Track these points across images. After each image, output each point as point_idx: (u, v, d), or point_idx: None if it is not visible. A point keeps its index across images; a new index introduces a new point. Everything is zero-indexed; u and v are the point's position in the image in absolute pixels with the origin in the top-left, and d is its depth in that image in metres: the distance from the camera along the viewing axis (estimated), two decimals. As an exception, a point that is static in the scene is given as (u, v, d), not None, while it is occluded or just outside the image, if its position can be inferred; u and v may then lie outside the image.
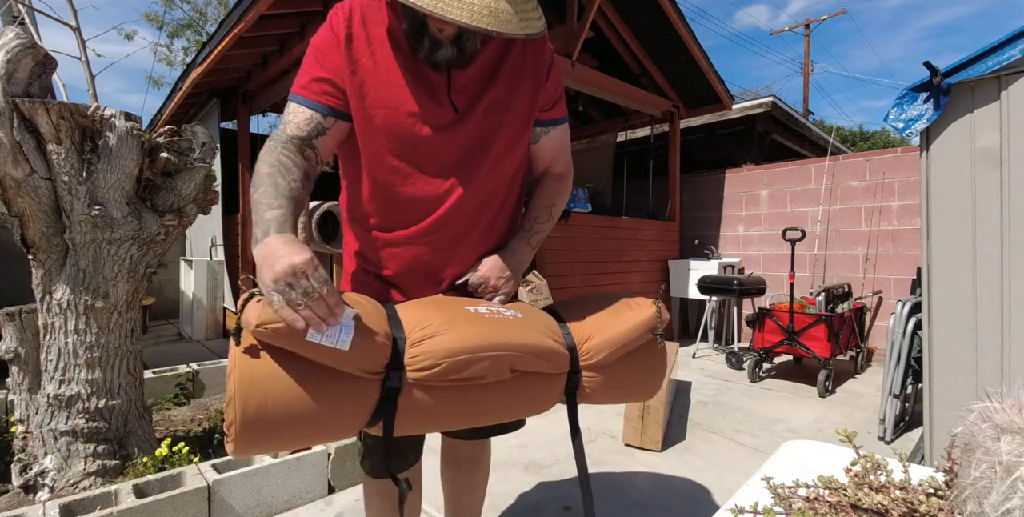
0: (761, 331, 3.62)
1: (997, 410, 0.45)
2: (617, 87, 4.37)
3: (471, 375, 0.83)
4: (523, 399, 0.93)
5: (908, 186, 4.07)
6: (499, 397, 0.89)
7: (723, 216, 5.17)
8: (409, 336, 0.82)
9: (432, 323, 0.84)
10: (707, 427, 2.64)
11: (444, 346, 0.81)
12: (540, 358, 0.90)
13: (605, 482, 2.02)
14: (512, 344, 0.86)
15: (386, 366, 0.79)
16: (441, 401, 0.84)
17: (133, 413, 1.90)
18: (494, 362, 0.84)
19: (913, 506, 0.53)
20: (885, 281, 4.18)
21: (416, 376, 0.80)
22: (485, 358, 0.82)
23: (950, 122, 1.78)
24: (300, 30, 3.62)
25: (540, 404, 0.96)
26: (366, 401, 0.80)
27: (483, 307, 0.94)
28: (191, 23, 13.21)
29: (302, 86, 0.97)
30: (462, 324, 0.85)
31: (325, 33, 0.97)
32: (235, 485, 1.69)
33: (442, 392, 0.83)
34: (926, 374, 1.87)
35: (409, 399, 0.82)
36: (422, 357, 0.80)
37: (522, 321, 0.93)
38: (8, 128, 1.58)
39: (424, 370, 0.80)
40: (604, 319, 1.01)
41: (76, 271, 1.74)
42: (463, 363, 0.81)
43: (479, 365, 0.82)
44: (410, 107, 0.96)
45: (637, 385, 1.06)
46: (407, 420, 0.84)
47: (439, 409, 0.85)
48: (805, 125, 6.01)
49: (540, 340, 0.91)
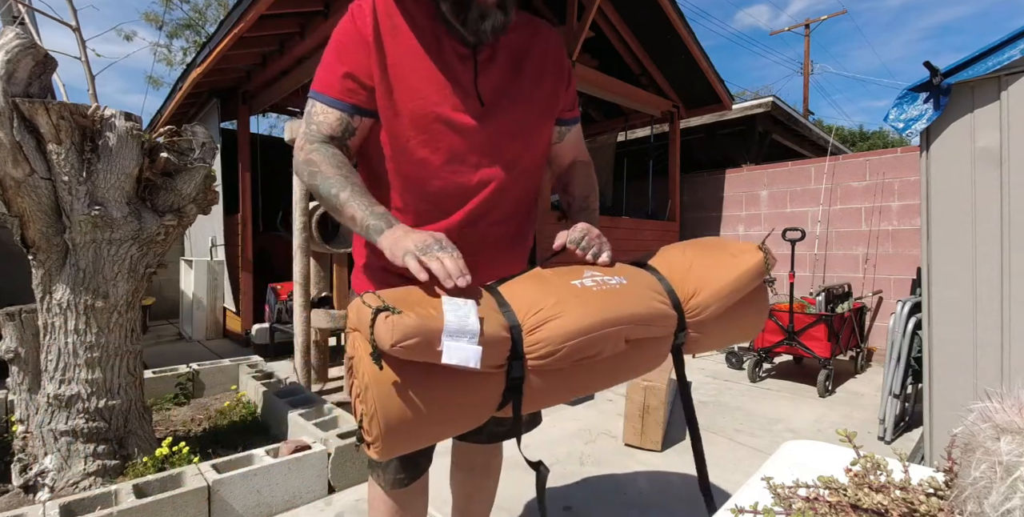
0: (761, 331, 3.62)
1: (997, 410, 0.45)
2: (617, 87, 4.37)
3: (591, 354, 0.83)
4: (637, 364, 0.93)
5: (908, 186, 4.07)
6: (615, 366, 0.89)
7: (723, 216, 5.17)
8: (524, 323, 0.80)
9: (544, 306, 0.82)
10: (707, 427, 2.63)
11: (562, 331, 0.79)
12: (654, 324, 0.89)
13: (605, 482, 2.02)
14: (626, 316, 0.84)
15: (508, 358, 0.79)
16: (562, 380, 0.84)
17: (133, 413, 1.90)
18: (612, 338, 0.83)
19: (913, 506, 0.53)
20: (885, 281, 4.18)
21: (537, 363, 0.80)
22: (603, 336, 0.82)
23: (950, 122, 1.78)
24: (300, 30, 3.62)
25: (652, 364, 0.96)
26: (494, 393, 0.80)
27: (588, 279, 0.90)
28: (191, 23, 13.22)
29: (328, 84, 0.95)
30: (574, 303, 0.83)
31: (347, 26, 0.95)
32: (235, 485, 1.69)
33: (563, 371, 0.83)
34: (926, 374, 1.87)
35: (533, 383, 0.82)
36: (542, 344, 0.79)
37: (629, 288, 0.90)
38: (8, 128, 1.58)
39: (546, 357, 0.79)
40: (708, 271, 0.96)
41: (76, 271, 1.74)
42: (583, 345, 0.80)
43: (599, 344, 0.82)
44: (438, 97, 0.95)
45: (742, 330, 1.04)
46: (531, 400, 0.84)
47: (560, 387, 0.85)
48: (805, 125, 6.01)
49: (651, 306, 0.89)
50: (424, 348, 0.70)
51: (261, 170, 5.10)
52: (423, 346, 0.70)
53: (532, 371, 0.81)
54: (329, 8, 3.32)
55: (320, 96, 0.96)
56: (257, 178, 4.97)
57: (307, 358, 2.82)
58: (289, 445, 1.91)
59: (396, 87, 0.94)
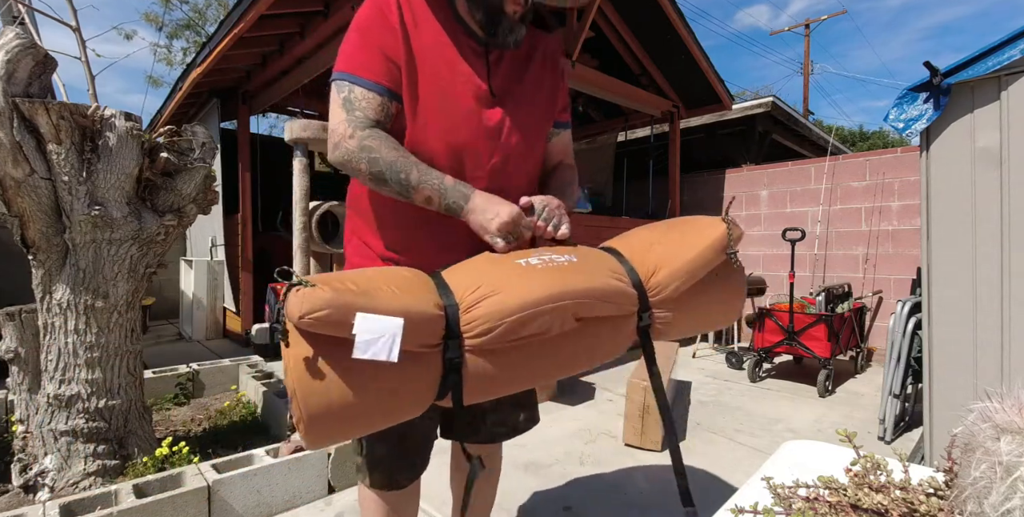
0: (761, 331, 3.62)
1: (997, 410, 0.45)
2: (617, 87, 4.37)
3: (534, 331, 0.78)
4: (595, 347, 0.89)
5: (908, 186, 4.07)
6: (569, 348, 0.85)
7: (723, 216, 5.17)
8: (461, 302, 0.78)
9: (483, 284, 0.79)
10: (707, 427, 2.63)
11: (499, 307, 0.76)
12: (606, 301, 0.84)
13: (605, 482, 2.02)
14: (572, 291, 0.80)
15: (443, 337, 0.76)
16: (508, 363, 0.80)
17: (133, 413, 1.90)
18: (556, 314, 0.79)
19: (913, 506, 0.53)
20: (885, 281, 4.18)
21: (475, 342, 0.76)
22: (545, 312, 0.77)
23: (950, 122, 1.78)
24: (300, 30, 3.62)
25: (613, 349, 0.92)
26: (429, 377, 0.77)
27: (534, 258, 0.87)
28: (190, 23, 13.22)
29: (367, 67, 0.94)
30: (515, 280, 0.80)
31: (372, 12, 0.97)
32: (235, 485, 1.69)
33: (508, 353, 0.79)
34: (926, 374, 1.87)
35: (474, 367, 0.78)
36: (479, 321, 0.76)
37: (579, 265, 0.87)
38: (8, 128, 1.58)
39: (483, 335, 0.76)
40: (668, 248, 0.93)
41: (76, 271, 1.74)
42: (523, 321, 0.76)
43: (540, 320, 0.77)
44: (460, 85, 0.99)
45: (717, 312, 1.00)
46: (477, 388, 0.80)
47: (508, 371, 0.81)
48: (805, 125, 6.01)
49: (603, 282, 0.85)
50: (336, 323, 0.67)
51: (261, 170, 5.10)
52: (335, 320, 0.67)
53: (472, 352, 0.77)
54: (329, 8, 3.32)
55: (359, 80, 0.94)
56: (257, 178, 4.97)
57: (307, 358, 2.81)
58: (289, 445, 1.91)
59: (421, 73, 0.97)
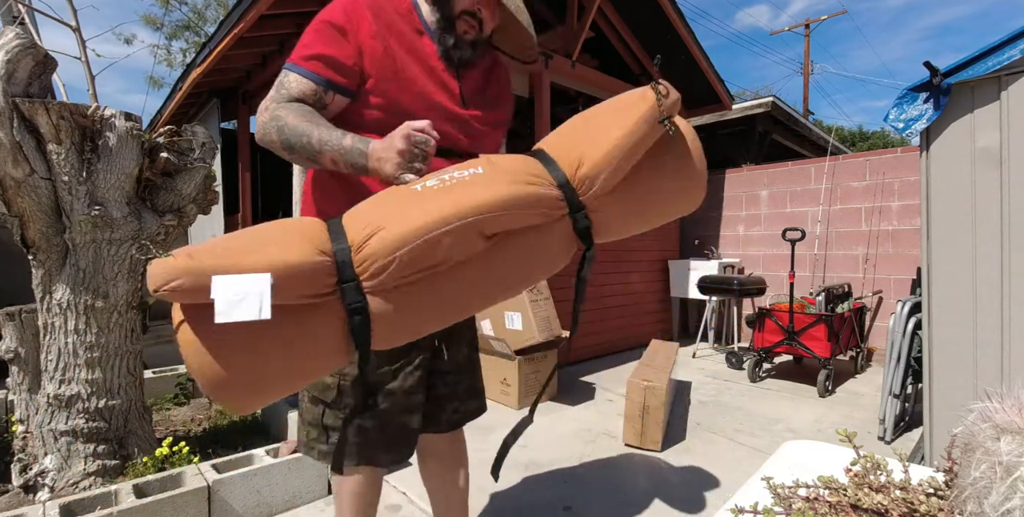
0: (761, 331, 3.62)
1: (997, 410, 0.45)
2: (617, 87, 4.37)
3: (438, 260, 0.73)
4: (520, 263, 0.81)
5: (908, 186, 4.07)
6: (486, 272, 0.78)
7: (723, 216, 5.17)
8: (353, 244, 0.73)
9: (372, 221, 0.74)
10: (707, 427, 2.63)
11: (388, 240, 0.71)
12: (516, 209, 0.76)
13: (605, 482, 2.02)
14: (470, 207, 0.73)
15: (337, 283, 0.72)
16: (420, 298, 0.75)
17: (133, 413, 1.90)
18: (456, 235, 0.72)
19: (913, 506, 0.53)
20: (885, 281, 4.18)
21: (372, 283, 0.72)
22: (439, 236, 0.71)
23: (950, 122, 1.78)
24: (300, 30, 3.62)
25: (552, 260, 0.84)
26: (331, 328, 0.73)
27: (433, 179, 0.80)
28: (189, 24, 13.22)
29: (305, 58, 0.99)
30: (404, 209, 0.75)
31: (339, 14, 1.01)
32: (235, 485, 1.69)
33: (415, 288, 0.74)
34: (926, 374, 1.87)
35: (380, 308, 0.73)
36: (370, 260, 0.71)
37: (484, 176, 0.78)
38: (8, 128, 1.58)
39: (378, 274, 0.72)
40: (594, 134, 0.82)
41: (76, 271, 1.74)
42: (420, 251, 0.71)
43: (439, 246, 0.72)
44: (435, 89, 1.06)
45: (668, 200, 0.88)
46: (389, 331, 0.76)
47: (423, 307, 0.76)
48: (805, 125, 6.01)
49: (508, 190, 0.76)
50: (194, 290, 0.65)
51: (261, 170, 5.11)
52: (192, 287, 0.65)
53: (373, 293, 0.73)
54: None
55: (297, 68, 0.99)
56: (257, 178, 4.97)
57: (307, 358, 2.81)
58: (289, 445, 1.91)
59: (400, 75, 1.03)
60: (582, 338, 4.01)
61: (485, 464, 2.16)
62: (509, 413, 2.80)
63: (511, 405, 2.89)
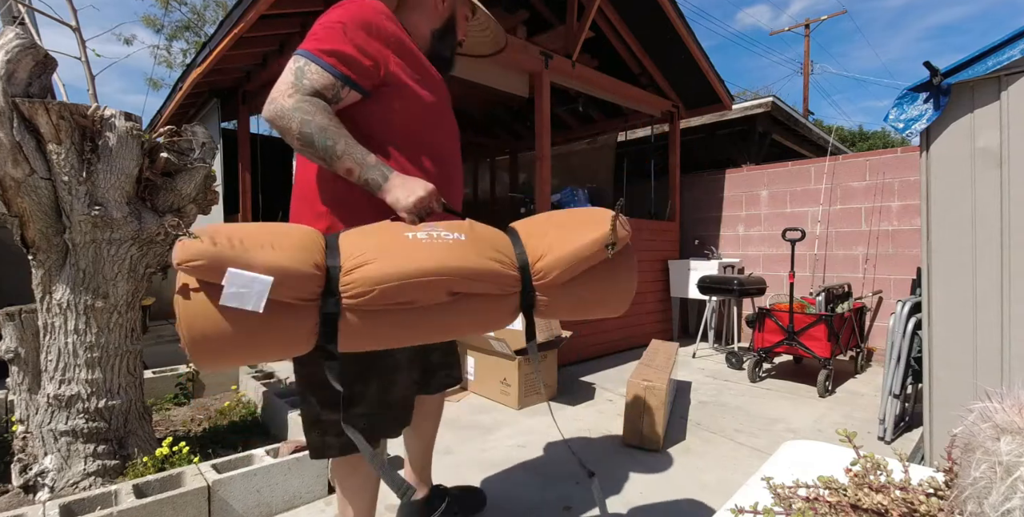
0: (761, 331, 3.62)
1: (997, 410, 0.45)
2: (617, 87, 4.37)
3: (406, 300, 0.88)
4: (469, 318, 0.98)
5: (908, 186, 4.07)
6: (441, 318, 0.94)
7: (723, 216, 5.17)
8: (344, 265, 0.88)
9: (366, 252, 0.89)
10: (707, 427, 2.63)
11: (374, 274, 0.86)
12: (481, 280, 0.93)
13: (605, 482, 2.02)
14: (447, 269, 0.89)
15: (321, 294, 0.86)
16: (381, 323, 0.90)
17: (133, 413, 1.90)
18: (428, 287, 0.88)
19: (913, 506, 0.53)
20: (885, 281, 4.18)
21: (351, 302, 0.86)
22: (415, 284, 0.87)
23: (950, 122, 1.78)
24: (300, 30, 3.62)
25: (490, 323, 1.03)
26: (304, 325, 0.87)
27: (423, 232, 0.95)
28: (189, 24, 13.22)
29: (325, 52, 1.05)
30: (396, 251, 0.89)
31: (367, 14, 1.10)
32: (235, 485, 1.69)
33: (381, 315, 0.89)
34: (926, 374, 1.87)
35: (350, 322, 0.88)
36: (353, 285, 0.86)
37: (464, 244, 0.95)
38: (8, 128, 1.58)
39: (357, 297, 0.86)
40: (559, 236, 1.01)
41: (76, 271, 1.74)
42: (395, 290, 0.86)
43: (411, 291, 0.87)
44: (441, 94, 1.25)
45: (596, 302, 1.07)
46: (351, 339, 0.90)
47: (381, 330, 0.91)
48: (805, 125, 6.00)
49: (480, 263, 0.93)
50: (209, 272, 0.79)
51: (261, 170, 5.10)
52: (209, 269, 0.78)
53: (348, 309, 0.87)
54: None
55: (319, 60, 1.04)
56: (257, 178, 4.97)
57: (307, 358, 2.81)
58: (289, 445, 1.91)
59: (424, 79, 1.18)
60: (582, 338, 4.01)
61: (485, 464, 2.17)
62: (509, 413, 2.80)
63: (511, 405, 2.89)
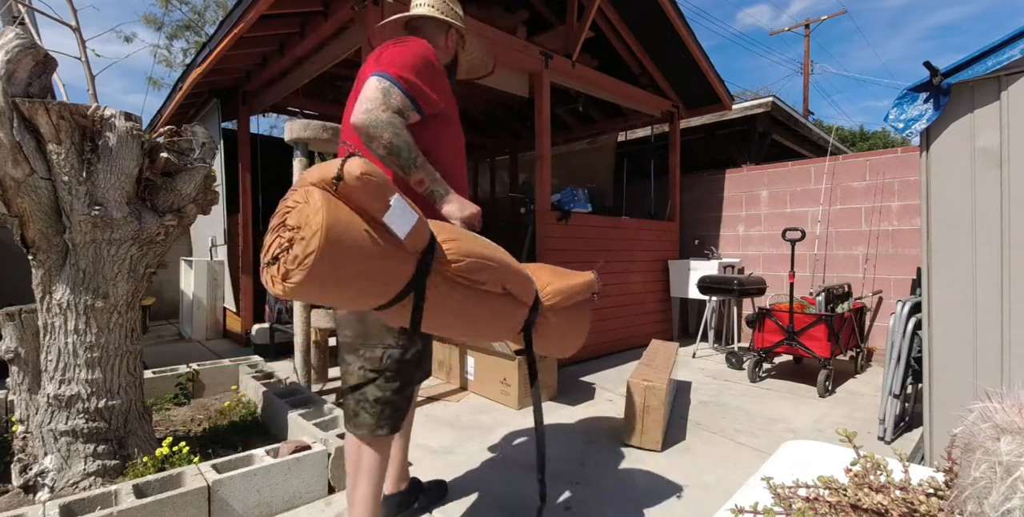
0: (761, 331, 3.62)
1: (997, 410, 0.45)
2: (617, 87, 4.37)
3: (480, 278, 1.10)
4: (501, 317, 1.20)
5: (908, 186, 4.07)
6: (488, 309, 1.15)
7: (723, 216, 5.17)
8: (440, 238, 1.08)
9: (455, 236, 1.11)
10: (707, 427, 2.63)
11: (466, 248, 1.09)
12: (523, 283, 1.21)
13: (605, 482, 2.02)
14: (508, 262, 1.18)
15: (424, 251, 1.02)
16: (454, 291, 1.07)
17: (133, 413, 1.90)
18: (496, 272, 1.13)
19: (913, 506, 0.53)
20: (885, 281, 4.18)
21: (442, 265, 1.05)
22: (492, 266, 1.12)
23: (950, 122, 1.78)
24: (300, 30, 3.62)
25: (509, 327, 1.25)
26: (403, 271, 1.00)
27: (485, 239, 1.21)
28: (189, 24, 13.22)
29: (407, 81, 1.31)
30: (478, 242, 1.15)
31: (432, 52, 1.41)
32: (235, 485, 1.69)
33: (454, 287, 1.07)
34: (926, 374, 1.87)
35: (433, 282, 1.04)
36: (452, 252, 1.06)
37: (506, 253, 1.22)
38: (8, 128, 1.58)
39: (452, 262, 1.06)
40: (558, 275, 1.38)
41: (76, 271, 1.74)
42: (478, 264, 1.09)
43: (487, 271, 1.11)
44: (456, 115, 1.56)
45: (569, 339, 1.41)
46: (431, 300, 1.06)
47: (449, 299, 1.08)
48: (805, 125, 6.00)
49: (523, 268, 1.23)
50: (379, 189, 0.91)
51: (261, 170, 5.10)
52: (379, 186, 0.91)
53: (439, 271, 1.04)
54: (329, 8, 3.32)
55: (403, 89, 1.30)
56: (257, 178, 4.97)
57: (307, 358, 2.82)
58: (289, 445, 1.91)
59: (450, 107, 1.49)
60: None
61: (485, 464, 2.17)
62: (509, 413, 2.80)
63: (511, 405, 2.89)
